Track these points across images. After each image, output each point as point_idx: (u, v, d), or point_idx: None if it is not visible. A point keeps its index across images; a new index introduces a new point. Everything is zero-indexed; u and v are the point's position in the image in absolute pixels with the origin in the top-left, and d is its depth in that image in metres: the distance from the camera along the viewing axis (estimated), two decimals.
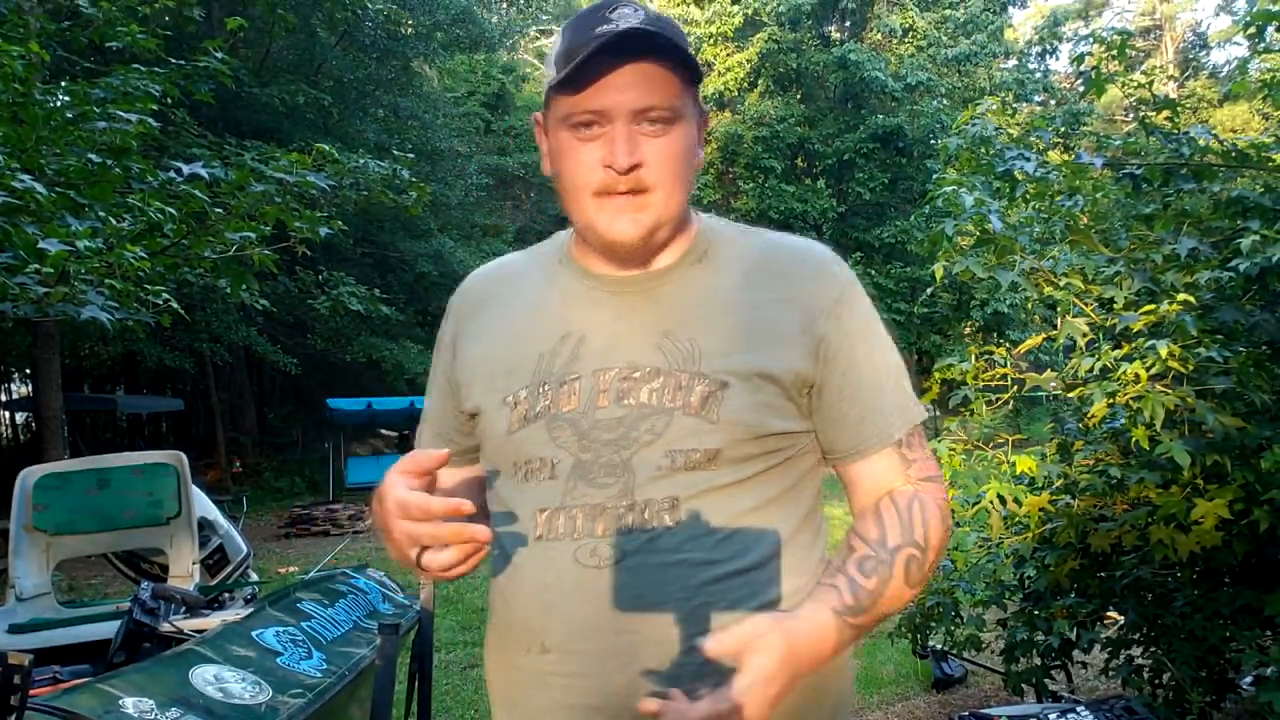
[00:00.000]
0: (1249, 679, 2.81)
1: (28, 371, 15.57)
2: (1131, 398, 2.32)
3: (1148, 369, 2.30)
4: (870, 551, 0.99)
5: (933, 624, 3.47)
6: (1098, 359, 2.47)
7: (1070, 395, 2.69)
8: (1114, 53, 2.94)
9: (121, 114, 3.94)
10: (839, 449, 1.06)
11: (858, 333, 1.05)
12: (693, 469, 0.97)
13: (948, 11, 18.98)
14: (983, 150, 2.92)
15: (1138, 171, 2.77)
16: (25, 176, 3.32)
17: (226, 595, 3.35)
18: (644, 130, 0.96)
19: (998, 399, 2.86)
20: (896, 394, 1.06)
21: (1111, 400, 2.41)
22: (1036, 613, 3.10)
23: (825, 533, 1.10)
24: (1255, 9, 2.85)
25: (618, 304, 1.04)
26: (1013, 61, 21.23)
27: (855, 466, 1.06)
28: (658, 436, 0.97)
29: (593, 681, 0.97)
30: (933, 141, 16.72)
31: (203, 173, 4.07)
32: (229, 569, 3.98)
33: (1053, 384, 2.83)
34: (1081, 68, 3.35)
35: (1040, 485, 2.94)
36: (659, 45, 0.94)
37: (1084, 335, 2.56)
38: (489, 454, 1.09)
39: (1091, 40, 3.09)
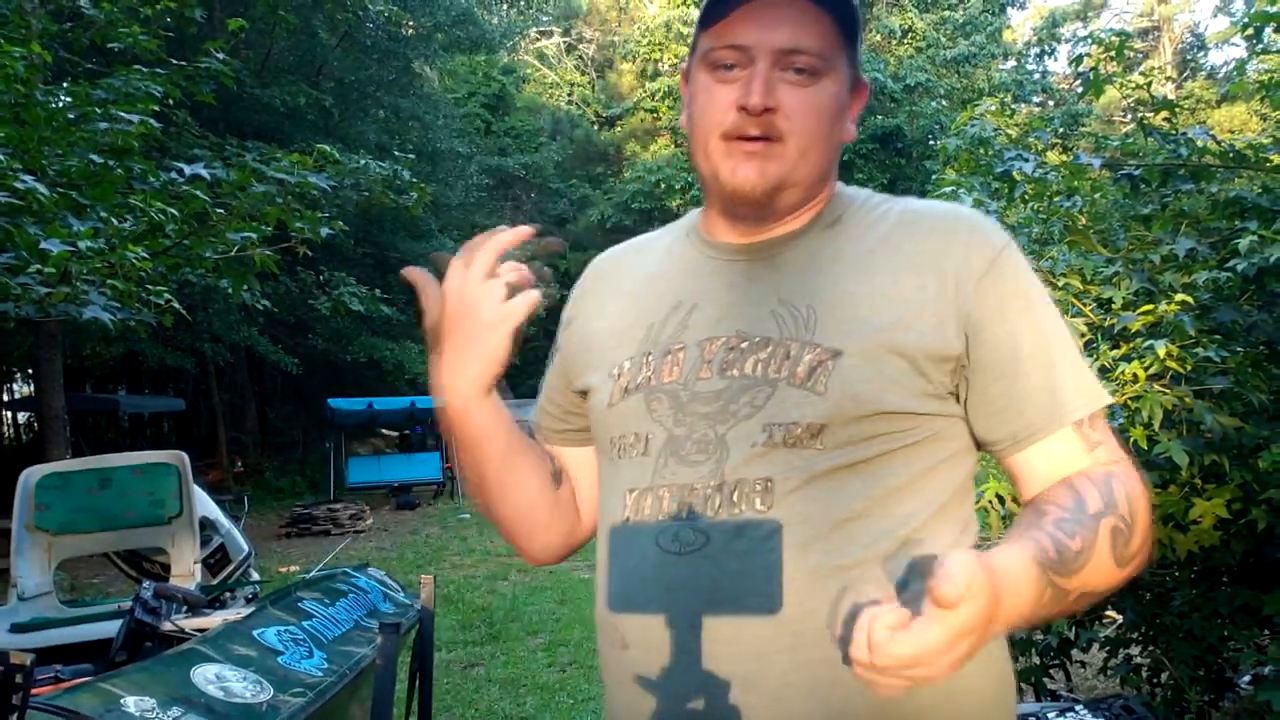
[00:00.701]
0: (1247, 678, 2.81)
1: (30, 371, 15.58)
2: (1130, 397, 2.33)
3: (1146, 369, 2.30)
4: (1068, 515, 0.83)
5: None
6: (1096, 359, 2.48)
7: None
8: (1112, 54, 2.95)
9: (123, 115, 3.95)
10: (1002, 435, 0.90)
11: (1018, 303, 0.90)
12: (793, 446, 0.85)
13: (947, 13, 18.99)
14: (981, 151, 2.93)
15: (1136, 172, 2.77)
16: (27, 177, 3.33)
17: (228, 594, 3.36)
18: (788, 77, 0.88)
19: None
20: (1074, 371, 0.90)
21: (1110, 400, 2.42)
22: None
23: (972, 536, 0.93)
24: (1253, 10, 2.86)
25: (735, 271, 0.95)
26: (1011, 62, 21.25)
27: (1025, 454, 0.90)
28: (758, 410, 0.87)
29: (662, 682, 0.88)
30: (932, 142, 16.73)
31: (204, 173, 4.08)
32: (230, 568, 3.98)
33: None
34: (1080, 69, 3.36)
35: None
36: None
37: (1082, 335, 2.56)
38: (594, 431, 1.02)
39: (1090, 41, 3.10)
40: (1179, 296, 2.37)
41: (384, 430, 17.27)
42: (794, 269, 0.93)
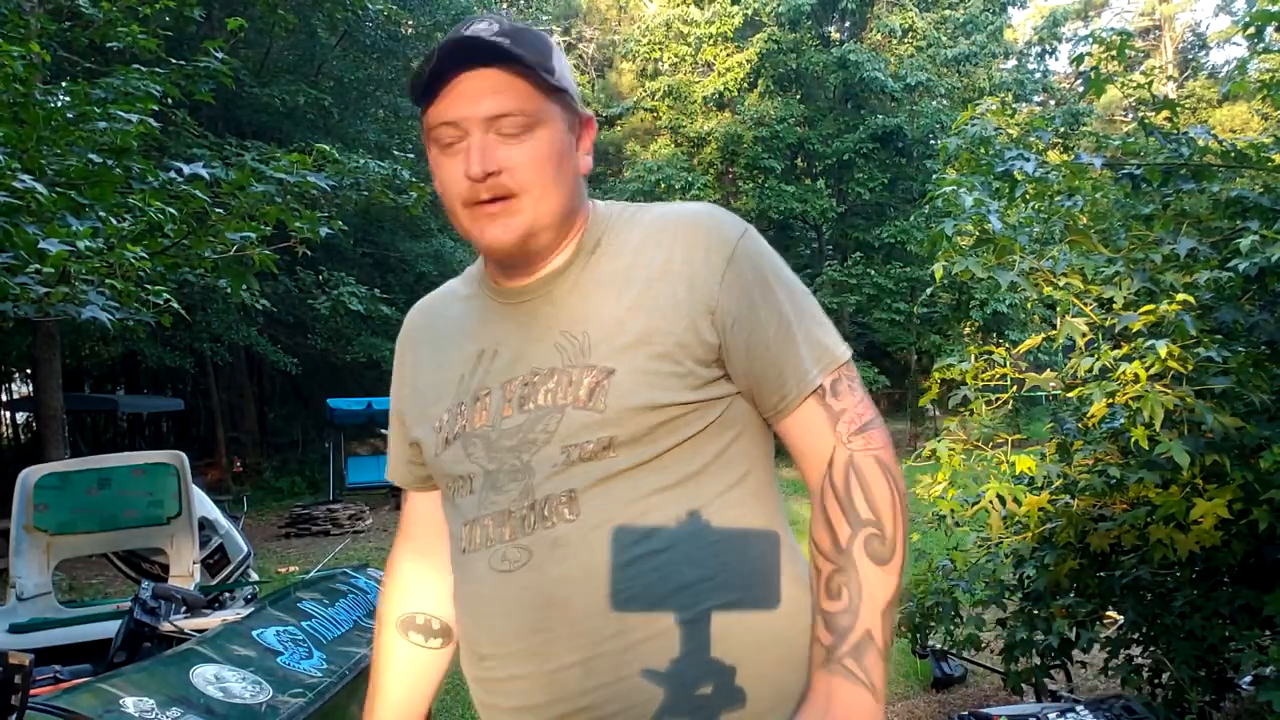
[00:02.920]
0: (1248, 678, 2.81)
1: (28, 371, 15.56)
2: (1131, 397, 2.32)
3: (1147, 369, 2.30)
4: (831, 564, 0.96)
5: (932, 623, 3.47)
6: (1097, 359, 2.47)
7: (1070, 395, 2.70)
8: (1113, 53, 2.94)
9: (122, 114, 3.94)
10: (766, 408, 1.03)
11: (755, 290, 1.01)
12: (588, 460, 0.96)
13: (947, 12, 18.98)
14: (982, 150, 2.93)
15: (1137, 171, 2.77)
16: (26, 176, 3.33)
17: (227, 595, 3.35)
18: (503, 138, 0.97)
19: (997, 399, 2.86)
20: (808, 343, 1.01)
21: (1111, 400, 2.42)
22: (1036, 612, 3.10)
23: (773, 504, 1.06)
24: (1254, 9, 2.86)
25: (521, 313, 1.05)
26: (1012, 62, 21.24)
27: (783, 426, 1.03)
28: (552, 435, 0.98)
29: (524, 683, 0.98)
30: (932, 142, 16.73)
31: (203, 173, 4.07)
32: (229, 569, 3.98)
33: (1052, 384, 2.83)
34: (1081, 68, 3.35)
35: (1040, 485, 2.94)
36: (503, 52, 0.95)
37: (1083, 335, 2.56)
38: (433, 477, 1.13)
39: (1091, 40, 3.09)
40: (1180, 296, 2.37)
41: (383, 430, 17.24)
42: (568, 300, 1.03)
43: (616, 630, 0.94)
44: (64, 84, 4.31)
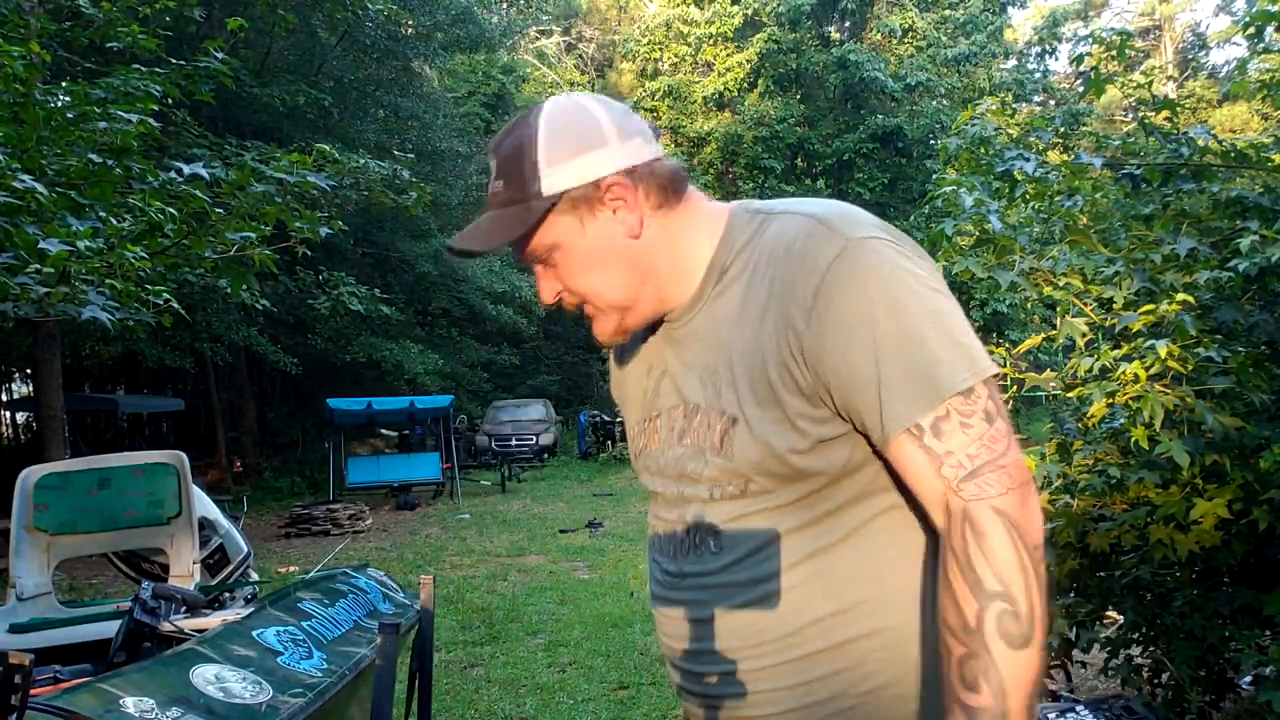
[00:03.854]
0: (1248, 678, 2.81)
1: (28, 371, 15.56)
2: (1131, 397, 2.32)
3: (1147, 369, 2.30)
4: (962, 646, 0.89)
5: None
6: (1097, 359, 2.47)
7: (1069, 395, 2.70)
8: (1113, 53, 2.94)
9: (122, 114, 3.94)
10: (873, 442, 0.97)
11: (842, 323, 0.92)
12: (730, 500, 1.02)
13: (947, 12, 18.98)
14: (982, 150, 2.93)
15: (1137, 171, 2.77)
16: (26, 176, 3.33)
17: (227, 595, 3.35)
18: (547, 267, 1.06)
19: None
20: (900, 379, 0.91)
21: (1111, 400, 2.42)
22: None
23: (901, 534, 1.00)
24: (1254, 9, 2.86)
25: (674, 338, 1.09)
26: (1012, 62, 21.25)
27: (890, 458, 0.96)
28: (700, 474, 1.04)
29: (674, 676, 1.13)
30: (932, 141, 16.72)
31: (203, 173, 4.07)
32: (229, 568, 3.98)
33: (1052, 384, 2.83)
34: (1081, 68, 3.35)
35: (1040, 485, 2.94)
36: (495, 201, 1.04)
37: (1083, 335, 2.56)
38: None
39: (1091, 40, 3.09)
40: (1180, 296, 2.37)
41: (383, 430, 17.25)
42: (706, 332, 1.05)
43: (753, 654, 1.02)
44: (64, 84, 4.31)
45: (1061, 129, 3.50)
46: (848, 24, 19.69)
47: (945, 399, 0.90)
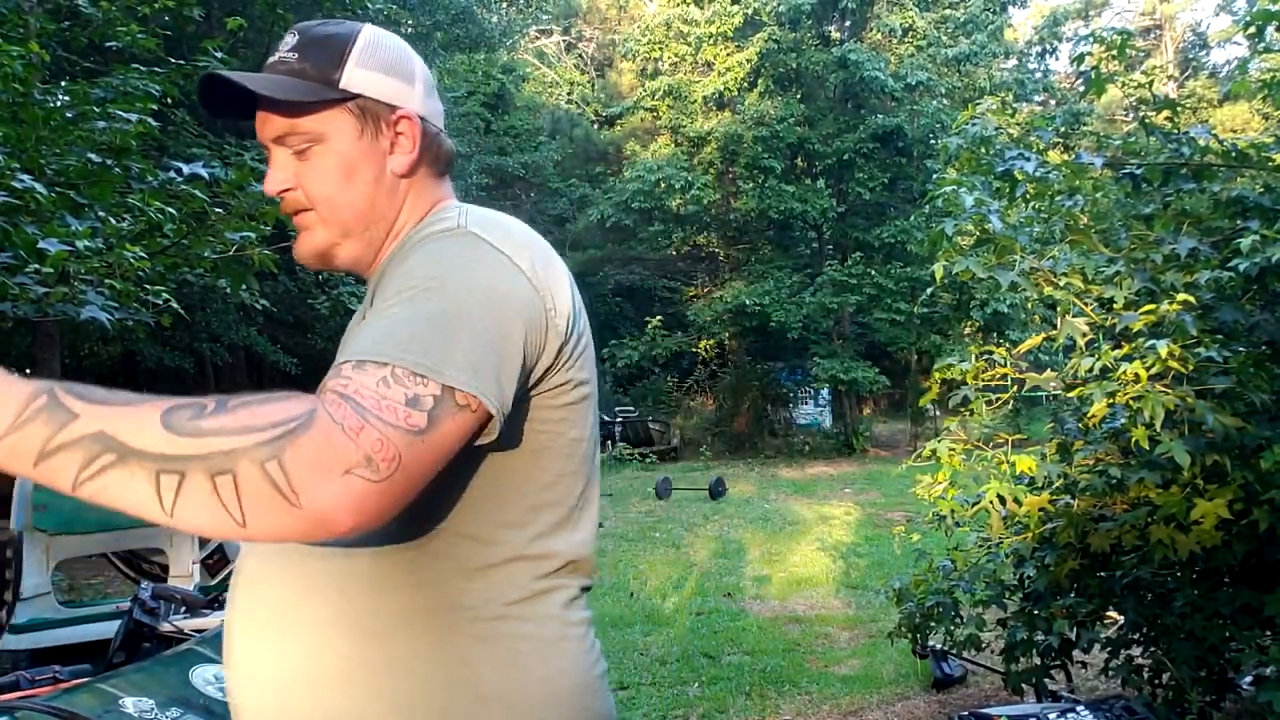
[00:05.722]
0: (1248, 679, 2.81)
1: (28, 371, 15.54)
2: (1131, 397, 2.32)
3: (1147, 369, 2.30)
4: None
5: (932, 624, 3.47)
6: (1098, 359, 2.47)
7: (1070, 395, 2.69)
8: (1114, 52, 2.94)
9: (121, 114, 3.94)
10: None
11: (378, 305, 0.88)
12: None
13: (948, 11, 18.97)
14: (983, 150, 2.92)
15: (1138, 171, 2.77)
16: (25, 176, 3.32)
17: (227, 595, 3.34)
18: (293, 155, 1.00)
19: (998, 399, 2.86)
20: (366, 336, 0.83)
21: (1111, 400, 2.41)
22: (1036, 612, 3.10)
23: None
24: (1255, 9, 2.85)
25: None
26: (1012, 61, 21.23)
27: None
28: None
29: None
30: (933, 141, 16.71)
31: (203, 172, 4.07)
32: (229, 568, 3.97)
33: (1053, 384, 2.83)
34: (1081, 68, 3.35)
35: (1040, 485, 2.94)
36: (280, 68, 0.98)
37: (1084, 335, 2.56)
38: None
39: (1091, 40, 3.09)
40: (1181, 296, 2.37)
41: None
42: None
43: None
44: (63, 83, 4.31)
45: (1062, 129, 3.49)
46: (848, 23, 19.69)
47: (372, 358, 0.80)
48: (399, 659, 0.90)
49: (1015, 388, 2.82)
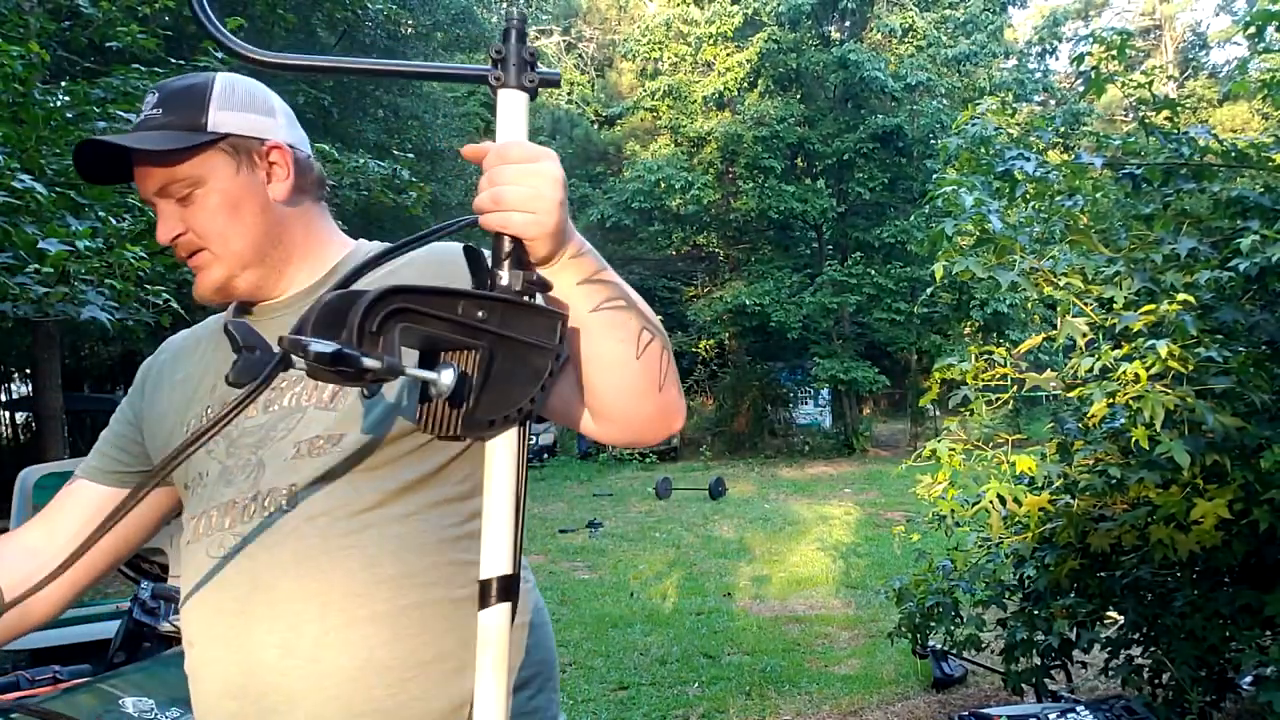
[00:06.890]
0: (1248, 679, 2.81)
1: (28, 371, 15.55)
2: (1131, 397, 2.32)
3: (1147, 369, 2.30)
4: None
5: (933, 624, 3.47)
6: (1097, 359, 2.47)
7: (1070, 395, 2.69)
8: (1114, 53, 2.94)
9: (121, 114, 3.94)
10: None
11: None
12: (315, 455, 0.99)
13: (948, 11, 18.96)
14: (983, 150, 2.92)
15: (1137, 171, 2.77)
16: (25, 176, 3.32)
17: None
18: (177, 204, 1.05)
19: (998, 399, 2.86)
20: None
21: (1111, 400, 2.41)
22: (1036, 613, 3.10)
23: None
24: (1255, 9, 2.85)
25: (274, 326, 1.06)
26: (1012, 61, 21.22)
27: None
28: (290, 431, 1.02)
29: (217, 668, 0.99)
30: (933, 141, 16.69)
31: None
32: None
33: (1053, 384, 2.83)
34: (1081, 68, 3.35)
35: (1040, 485, 2.94)
36: (149, 124, 1.04)
37: (1084, 335, 2.56)
38: (174, 477, 1.15)
39: (1091, 40, 3.09)
40: (1181, 296, 2.37)
41: None
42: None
43: (316, 614, 0.95)
44: (63, 84, 4.31)
45: (1062, 129, 3.49)
46: (848, 24, 19.69)
47: None
48: (422, 604, 0.99)
49: (1015, 388, 2.82)
